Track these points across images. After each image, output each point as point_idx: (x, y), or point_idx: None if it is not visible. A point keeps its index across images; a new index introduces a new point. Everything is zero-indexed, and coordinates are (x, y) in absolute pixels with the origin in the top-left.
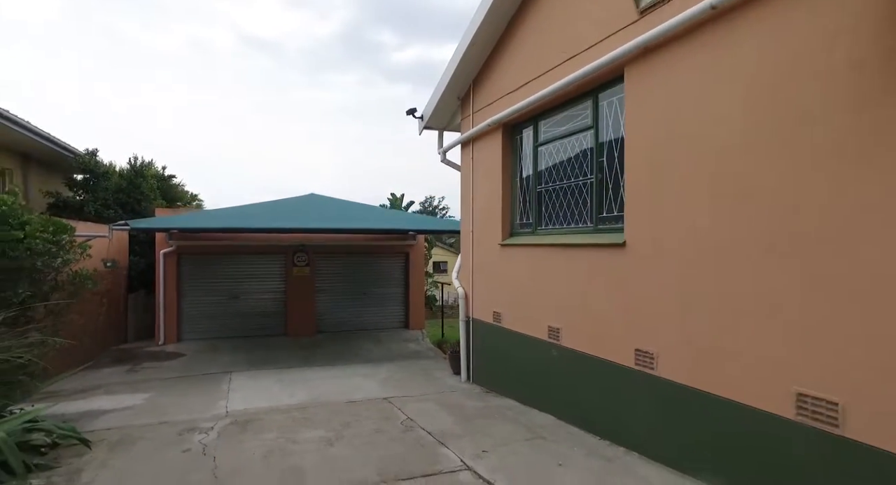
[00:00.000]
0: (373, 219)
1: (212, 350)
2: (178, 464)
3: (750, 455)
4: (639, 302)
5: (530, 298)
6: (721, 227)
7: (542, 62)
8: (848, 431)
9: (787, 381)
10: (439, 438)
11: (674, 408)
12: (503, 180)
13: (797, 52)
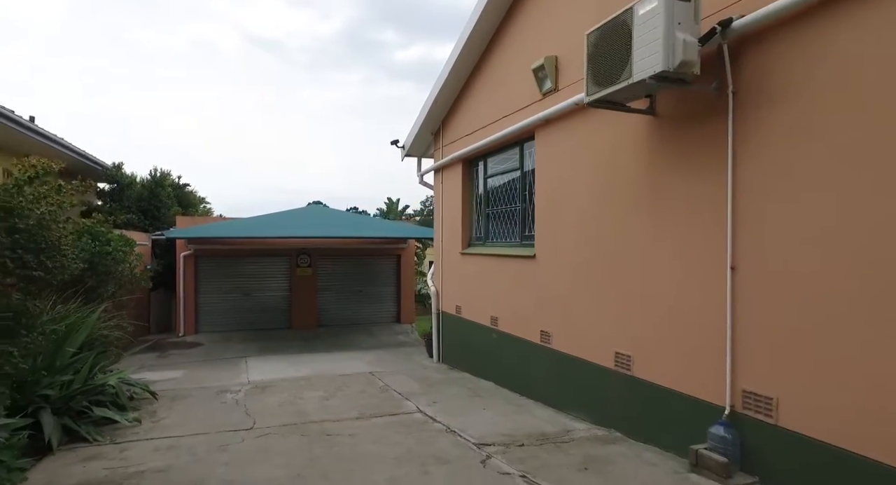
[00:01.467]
0: (365, 227)
1: (226, 340)
2: (220, 408)
3: (592, 393)
4: (543, 297)
5: (480, 295)
6: (582, 247)
7: (489, 115)
8: (635, 371)
9: (611, 346)
10: (406, 395)
11: (559, 369)
12: (463, 202)
13: (618, 138)
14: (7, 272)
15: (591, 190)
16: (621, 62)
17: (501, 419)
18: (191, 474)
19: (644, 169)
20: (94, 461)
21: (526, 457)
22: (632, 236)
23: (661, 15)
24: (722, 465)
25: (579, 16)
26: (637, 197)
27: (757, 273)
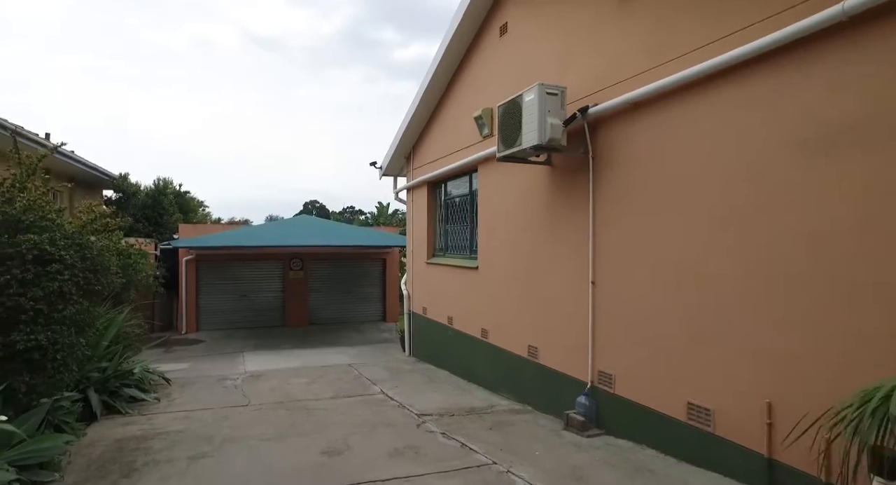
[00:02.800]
0: (349, 237)
1: (225, 337)
2: (222, 391)
3: (514, 376)
4: (483, 301)
5: (440, 298)
6: (508, 262)
7: (448, 147)
8: (541, 360)
9: (526, 340)
10: (374, 381)
11: (493, 359)
12: (428, 219)
13: (529, 180)
14: (79, 288)
15: (514, 217)
16: (516, 132)
17: (445, 398)
18: (203, 433)
19: (546, 204)
20: (129, 426)
21: (452, 423)
22: (539, 255)
23: (536, 104)
24: (581, 423)
25: (508, 80)
26: (542, 225)
27: (605, 286)
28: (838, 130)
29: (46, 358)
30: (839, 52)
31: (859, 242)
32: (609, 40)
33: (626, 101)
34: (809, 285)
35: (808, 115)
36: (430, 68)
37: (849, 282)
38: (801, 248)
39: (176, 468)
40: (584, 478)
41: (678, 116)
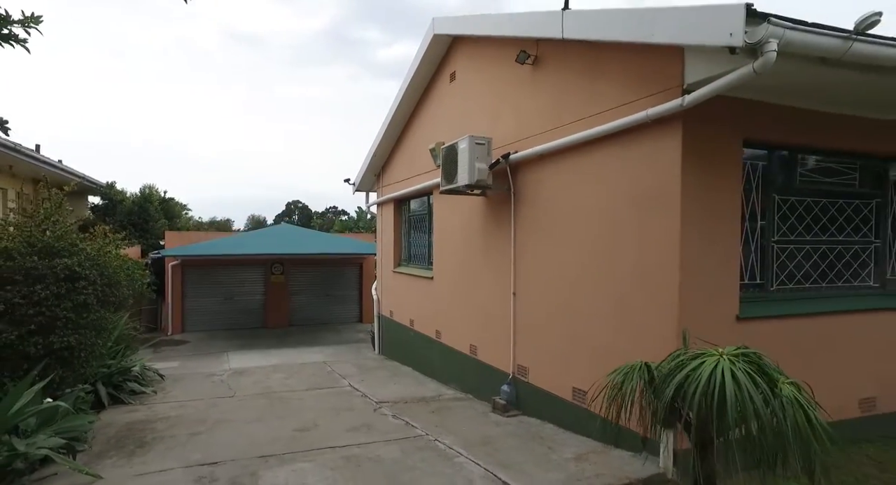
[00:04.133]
0: (325, 245)
1: (210, 338)
2: (210, 385)
3: (460, 371)
4: (437, 306)
5: (404, 303)
6: (456, 273)
7: (411, 170)
8: (479, 356)
9: (468, 340)
10: (344, 376)
11: (445, 356)
12: (394, 232)
13: (471, 206)
14: (99, 299)
15: (459, 237)
16: (454, 172)
17: (402, 389)
18: (196, 417)
19: (481, 228)
20: (133, 413)
21: (403, 408)
22: (477, 269)
23: (468, 151)
24: (504, 406)
25: (456, 119)
26: (479, 245)
27: (523, 297)
28: (650, 193)
29: (74, 356)
30: (649, 141)
31: (663, 272)
32: (525, 102)
33: (535, 152)
34: (636, 300)
35: (636, 179)
36: (395, 102)
37: (650, 294)
38: (630, 274)
39: (178, 441)
40: (490, 443)
41: (566, 169)
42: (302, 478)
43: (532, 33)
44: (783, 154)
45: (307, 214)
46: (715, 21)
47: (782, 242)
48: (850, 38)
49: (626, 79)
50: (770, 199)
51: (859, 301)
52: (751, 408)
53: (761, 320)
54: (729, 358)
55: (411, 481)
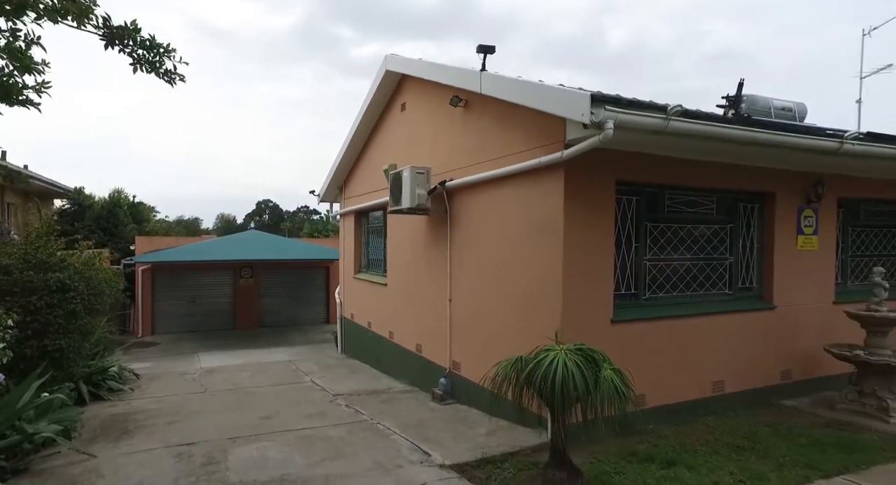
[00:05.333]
0: (291, 251)
1: (180, 340)
2: (183, 383)
3: (408, 367)
4: (390, 310)
5: (363, 306)
6: (406, 280)
7: (370, 186)
8: (423, 353)
9: (415, 339)
10: (306, 373)
11: (396, 353)
12: (355, 241)
13: (418, 222)
14: (85, 307)
15: (407, 249)
16: (399, 195)
17: (358, 384)
18: (172, 410)
19: (425, 242)
20: (114, 408)
21: (356, 399)
22: (421, 278)
23: (409, 179)
24: (441, 396)
25: (406, 145)
26: (423, 257)
27: (456, 303)
28: (543, 222)
29: (64, 357)
30: (543, 181)
31: (551, 285)
32: (458, 138)
33: (464, 182)
34: (533, 303)
35: (534, 211)
36: (354, 123)
37: (542, 303)
38: (529, 286)
39: (157, 428)
40: (422, 424)
41: (486, 198)
42: (264, 452)
43: (460, 84)
44: (652, 190)
45: (278, 213)
46: (575, 103)
47: (653, 260)
48: (667, 118)
49: (528, 130)
50: (643, 225)
51: (713, 306)
52: (571, 384)
53: (632, 322)
54: (566, 352)
55: (351, 452)
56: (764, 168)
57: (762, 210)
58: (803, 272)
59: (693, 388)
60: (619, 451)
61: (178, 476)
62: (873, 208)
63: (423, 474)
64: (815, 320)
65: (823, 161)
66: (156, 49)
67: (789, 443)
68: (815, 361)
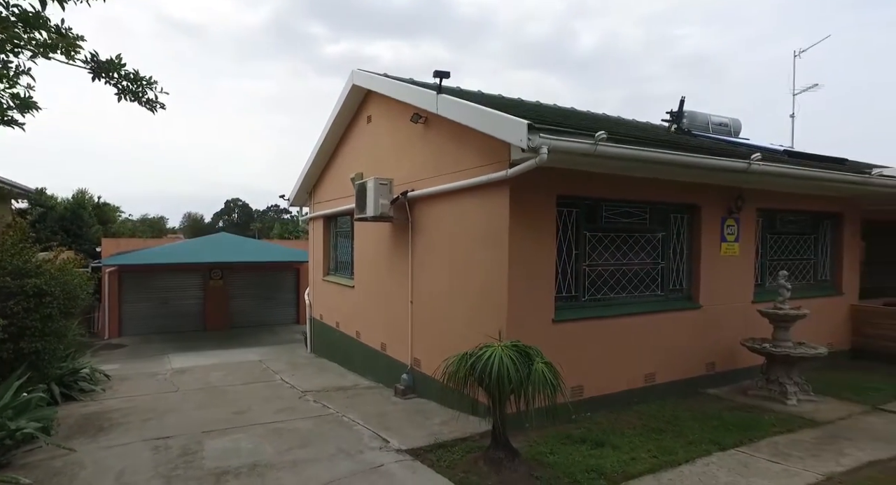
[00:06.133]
0: (261, 253)
1: (148, 342)
2: (154, 383)
3: (374, 365)
4: (356, 310)
5: (331, 307)
6: (371, 283)
7: (338, 192)
8: (388, 352)
9: (380, 339)
10: (276, 372)
11: (363, 352)
12: (324, 245)
13: (382, 229)
14: (61, 311)
15: (373, 253)
16: (364, 204)
17: (326, 382)
18: (146, 407)
19: (389, 247)
20: (86, 407)
21: (324, 395)
22: (386, 281)
23: (373, 190)
24: (403, 391)
25: (372, 155)
26: (387, 261)
27: (417, 304)
28: (491, 232)
29: (40, 359)
30: (490, 196)
31: (498, 289)
32: (419, 152)
33: (424, 193)
34: (483, 305)
35: (483, 222)
36: (323, 132)
37: (490, 305)
38: (479, 289)
39: (133, 425)
40: (384, 416)
41: (443, 209)
42: (237, 443)
43: (419, 104)
44: (590, 203)
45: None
46: (514, 129)
47: (592, 265)
48: (595, 143)
49: (479, 149)
50: (582, 235)
51: (647, 306)
52: (506, 376)
53: (571, 322)
54: (502, 348)
55: (318, 441)
56: (691, 183)
57: (690, 220)
58: (726, 275)
59: (627, 379)
60: (556, 435)
61: (156, 465)
62: (788, 218)
63: (381, 458)
64: (736, 318)
65: (738, 178)
66: (139, 81)
67: (702, 424)
68: (735, 354)
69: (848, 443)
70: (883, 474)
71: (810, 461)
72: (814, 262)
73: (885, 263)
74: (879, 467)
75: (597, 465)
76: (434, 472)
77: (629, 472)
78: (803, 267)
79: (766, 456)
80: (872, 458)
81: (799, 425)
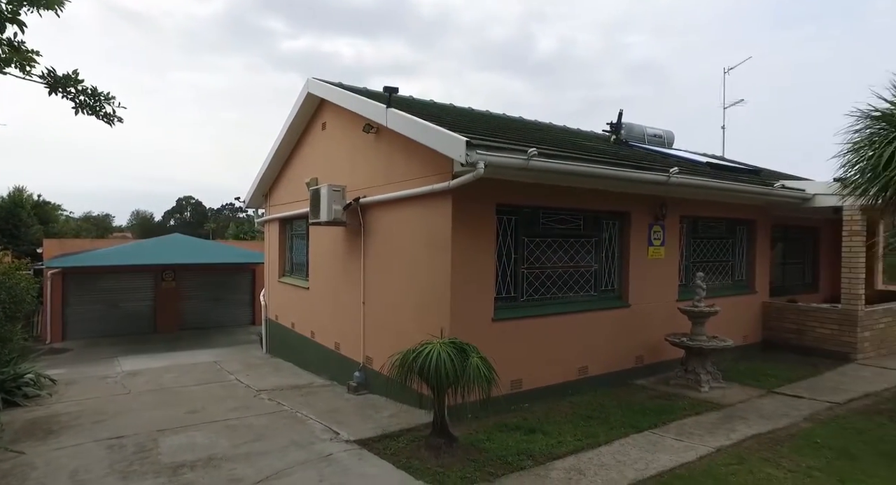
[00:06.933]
0: (215, 254)
1: (95, 345)
2: (104, 386)
3: (328, 363)
4: (311, 311)
5: (287, 308)
6: (325, 285)
7: (294, 195)
8: (341, 351)
9: (334, 338)
10: (231, 372)
11: (317, 351)
12: (280, 247)
13: (336, 233)
14: (6, 316)
15: (328, 256)
16: (318, 209)
17: (281, 380)
18: (97, 410)
19: (343, 250)
20: (32, 412)
21: (278, 394)
22: (340, 283)
23: (327, 196)
24: (355, 387)
25: (326, 161)
26: (341, 264)
27: (369, 305)
28: (436, 238)
29: None
30: (436, 204)
31: (442, 290)
32: (371, 160)
33: (376, 200)
34: (429, 306)
35: (429, 228)
36: (278, 137)
37: (435, 305)
38: (426, 290)
39: (84, 427)
40: (336, 411)
41: (393, 215)
42: (192, 440)
43: (370, 115)
44: (528, 211)
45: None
46: (455, 145)
47: (530, 268)
48: (528, 158)
49: (425, 160)
50: (521, 240)
51: (580, 304)
52: (443, 369)
53: (510, 320)
54: (441, 344)
55: (271, 435)
56: (621, 192)
57: (621, 226)
58: (653, 276)
59: (562, 373)
60: (495, 424)
61: (112, 463)
62: (708, 224)
63: (331, 448)
64: (661, 315)
65: (661, 189)
66: (97, 96)
67: (626, 411)
68: (660, 348)
69: (741, 421)
70: (758, 443)
71: (707, 438)
72: (731, 263)
73: (795, 263)
74: (758, 439)
75: (527, 448)
76: (379, 458)
77: (555, 453)
78: (722, 268)
79: (673, 435)
80: (755, 432)
81: (706, 409)
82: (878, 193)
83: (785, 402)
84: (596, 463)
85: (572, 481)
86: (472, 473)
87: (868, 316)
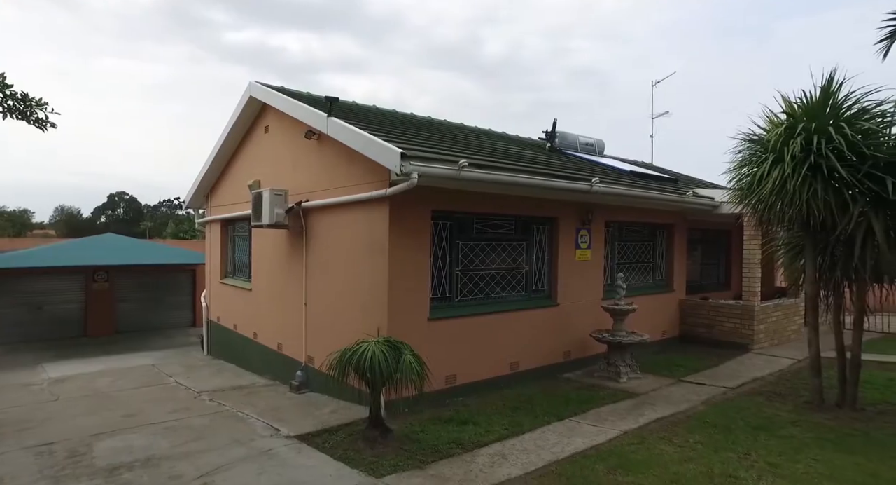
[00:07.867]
0: (153, 255)
1: (13, 351)
2: (28, 393)
3: (270, 363)
4: (254, 312)
5: (230, 310)
6: (269, 286)
7: (237, 197)
8: (284, 350)
9: (276, 339)
10: (171, 375)
11: (260, 352)
12: (222, 248)
13: (278, 237)
14: None
15: (270, 258)
16: (260, 212)
17: (223, 382)
18: (22, 418)
19: (286, 253)
20: None
21: (220, 395)
22: (282, 285)
23: (268, 199)
24: (297, 387)
25: (270, 163)
26: (284, 266)
27: (311, 306)
28: (375, 242)
29: None
30: (374, 209)
31: (381, 291)
32: (313, 165)
33: (318, 204)
34: (368, 306)
35: (368, 232)
36: (220, 138)
37: (374, 305)
38: (367, 292)
39: (7, 436)
40: (278, 409)
41: (335, 219)
42: (129, 442)
43: (311, 123)
44: (462, 217)
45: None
46: (391, 156)
47: (464, 270)
48: (459, 169)
49: (365, 167)
50: (455, 244)
51: (512, 304)
52: (377, 366)
53: (445, 320)
54: (375, 343)
55: (212, 434)
56: (550, 199)
57: (550, 230)
58: (580, 277)
59: (495, 368)
60: (430, 418)
61: (41, 468)
62: (632, 228)
63: (271, 443)
64: (588, 313)
65: (585, 196)
66: (28, 101)
67: (551, 402)
68: (587, 344)
69: (649, 407)
70: (660, 425)
71: (618, 423)
72: (652, 264)
73: (711, 264)
74: (660, 422)
75: (458, 438)
76: (318, 451)
77: (482, 441)
78: (645, 269)
79: (590, 422)
80: (659, 416)
81: (622, 398)
82: (755, 204)
83: (689, 389)
84: (518, 448)
85: (496, 465)
86: (405, 461)
87: (763, 311)
